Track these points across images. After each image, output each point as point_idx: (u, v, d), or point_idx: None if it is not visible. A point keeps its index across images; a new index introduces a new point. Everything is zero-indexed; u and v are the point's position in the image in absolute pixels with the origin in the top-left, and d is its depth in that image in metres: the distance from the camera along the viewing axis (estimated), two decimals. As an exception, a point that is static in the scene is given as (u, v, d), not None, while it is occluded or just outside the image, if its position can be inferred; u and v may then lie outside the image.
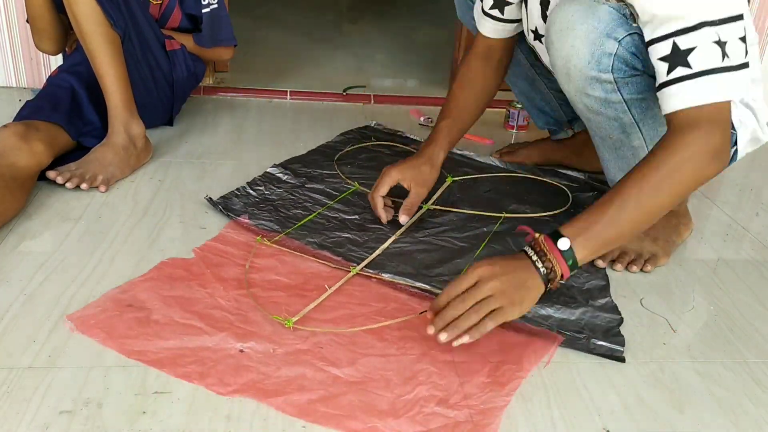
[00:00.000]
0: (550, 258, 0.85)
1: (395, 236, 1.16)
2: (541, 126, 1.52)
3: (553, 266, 0.85)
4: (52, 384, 0.80)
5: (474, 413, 0.80)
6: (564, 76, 1.03)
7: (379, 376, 0.85)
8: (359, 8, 3.37)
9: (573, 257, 0.85)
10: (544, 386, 0.87)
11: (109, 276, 1.01)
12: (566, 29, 0.99)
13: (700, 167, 0.88)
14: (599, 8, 0.96)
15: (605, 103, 1.02)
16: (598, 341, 0.94)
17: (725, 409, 0.86)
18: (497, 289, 0.83)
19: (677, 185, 0.87)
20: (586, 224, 0.86)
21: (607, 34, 0.96)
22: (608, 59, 0.98)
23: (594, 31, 0.97)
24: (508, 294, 0.83)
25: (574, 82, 1.03)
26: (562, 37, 1.00)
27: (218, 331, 0.90)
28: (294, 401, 0.79)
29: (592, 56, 0.98)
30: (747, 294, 1.12)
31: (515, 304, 0.84)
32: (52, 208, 1.20)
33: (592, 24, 0.96)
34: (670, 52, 0.89)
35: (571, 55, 1.00)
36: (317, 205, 1.25)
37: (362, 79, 2.09)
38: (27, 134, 1.21)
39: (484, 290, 0.83)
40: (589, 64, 0.99)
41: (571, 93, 1.05)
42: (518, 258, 0.87)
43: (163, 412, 0.77)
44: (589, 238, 0.86)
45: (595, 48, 0.98)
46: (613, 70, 0.98)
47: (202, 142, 1.55)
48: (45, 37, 1.45)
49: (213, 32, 1.59)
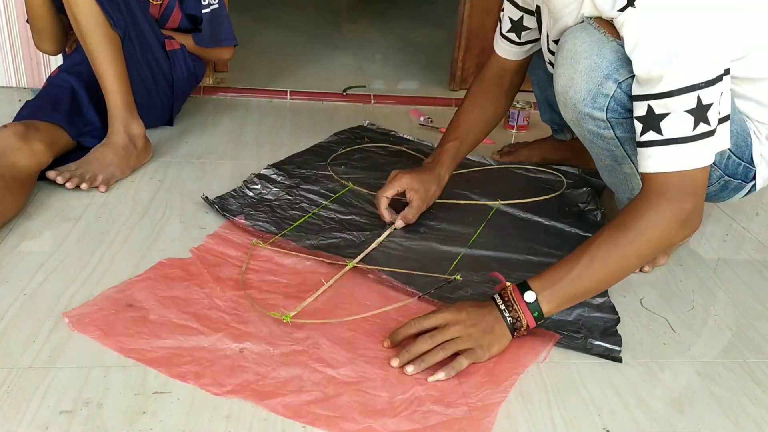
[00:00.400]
0: (516, 308, 0.88)
1: (391, 228, 1.17)
2: (545, 120, 1.52)
3: (519, 316, 0.88)
4: (52, 384, 0.80)
5: (471, 410, 0.80)
6: (561, 102, 1.04)
7: (375, 376, 0.85)
8: (359, 8, 3.37)
9: (539, 309, 0.88)
10: (544, 386, 0.87)
11: (108, 276, 1.01)
12: (570, 59, 0.98)
13: (667, 233, 0.89)
14: (606, 45, 0.95)
15: (598, 136, 1.01)
16: (595, 341, 0.94)
17: (725, 409, 0.86)
18: (463, 332, 0.87)
19: (644, 248, 0.89)
20: (553, 279, 0.89)
21: (607, 75, 0.95)
22: (604, 100, 0.97)
23: (596, 69, 0.95)
24: (475, 337, 0.87)
25: (568, 112, 1.03)
26: (565, 65, 0.99)
27: (214, 332, 0.90)
28: (289, 403, 0.79)
29: (588, 93, 0.97)
30: (747, 294, 1.12)
31: (484, 347, 0.87)
32: (52, 208, 1.20)
33: (595, 61, 0.95)
34: (645, 113, 0.89)
35: (569, 87, 0.99)
36: (313, 205, 1.25)
37: (362, 79, 2.09)
38: (27, 134, 1.21)
39: (451, 331, 0.87)
40: (584, 101, 0.98)
41: (566, 118, 1.06)
42: (486, 306, 0.90)
43: (163, 412, 0.77)
44: (555, 292, 0.88)
45: (593, 86, 0.97)
46: (607, 110, 0.97)
47: (202, 142, 1.55)
48: (45, 37, 1.45)
49: (213, 32, 1.59)
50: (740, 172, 1.09)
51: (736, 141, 1.06)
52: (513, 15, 1.21)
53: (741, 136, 1.06)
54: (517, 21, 1.21)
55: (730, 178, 1.10)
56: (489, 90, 1.29)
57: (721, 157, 1.07)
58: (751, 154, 1.08)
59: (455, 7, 2.08)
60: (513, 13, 1.21)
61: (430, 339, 0.86)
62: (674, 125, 0.87)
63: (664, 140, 0.88)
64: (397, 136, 1.63)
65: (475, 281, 1.06)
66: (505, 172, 1.48)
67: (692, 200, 0.89)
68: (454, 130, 1.27)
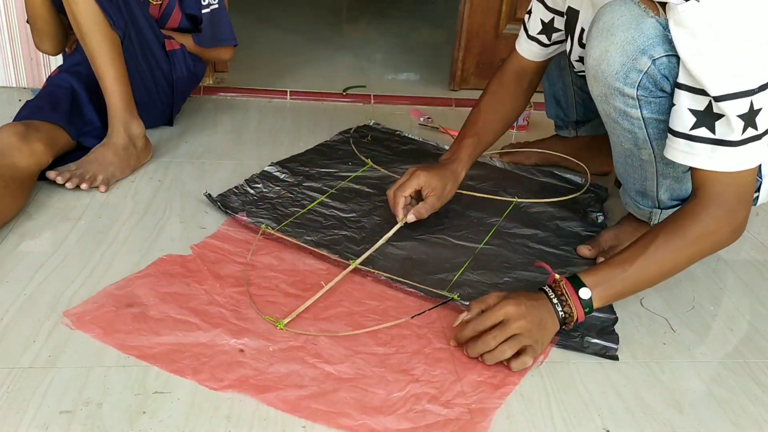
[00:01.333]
0: (570, 304, 0.90)
1: (394, 230, 1.15)
2: (550, 115, 1.52)
3: (572, 312, 0.90)
4: (52, 384, 0.80)
5: (466, 411, 0.80)
6: (591, 76, 1.02)
7: (372, 373, 0.85)
8: (359, 8, 3.37)
9: (590, 305, 0.90)
10: (544, 386, 0.87)
11: (108, 276, 1.01)
12: (606, 31, 0.96)
13: (721, 240, 0.93)
14: (646, 21, 0.93)
15: (623, 114, 1.00)
16: (592, 339, 0.95)
17: (725, 409, 0.86)
18: (524, 329, 0.87)
19: (698, 253, 0.93)
20: (607, 276, 0.91)
21: (643, 49, 0.93)
22: (636, 75, 0.95)
23: (632, 43, 0.94)
24: (533, 333, 0.88)
25: (598, 86, 1.01)
26: (600, 36, 0.97)
27: (213, 328, 0.90)
28: (286, 397, 0.80)
29: (622, 67, 0.96)
30: (747, 294, 1.12)
31: (539, 343, 0.89)
32: (52, 208, 1.20)
33: (632, 35, 0.93)
34: (703, 109, 0.89)
35: (602, 59, 0.97)
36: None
37: (362, 79, 2.09)
38: (27, 134, 1.21)
39: (513, 328, 0.87)
40: (617, 74, 0.96)
41: (594, 94, 1.04)
42: (539, 298, 0.91)
43: (163, 412, 0.77)
44: (608, 289, 0.90)
45: (627, 60, 0.95)
46: (638, 87, 0.96)
47: (201, 142, 1.55)
48: (45, 37, 1.45)
49: (213, 32, 1.59)
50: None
51: None
52: (544, 17, 1.21)
53: None
54: (548, 23, 1.21)
55: None
56: (508, 88, 1.29)
57: None
58: (760, 166, 1.08)
59: (455, 6, 2.08)
60: (544, 15, 1.21)
61: (493, 339, 0.87)
62: (726, 127, 0.88)
63: (715, 140, 0.89)
64: (402, 136, 1.63)
65: (473, 280, 1.06)
66: (512, 174, 1.47)
67: (745, 209, 0.92)
68: (473, 125, 1.26)
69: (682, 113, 0.91)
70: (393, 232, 1.15)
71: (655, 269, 0.91)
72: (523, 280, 1.07)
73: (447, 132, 1.70)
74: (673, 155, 0.94)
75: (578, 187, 1.42)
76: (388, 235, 1.14)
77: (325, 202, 1.26)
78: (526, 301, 0.89)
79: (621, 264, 0.91)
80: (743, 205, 0.93)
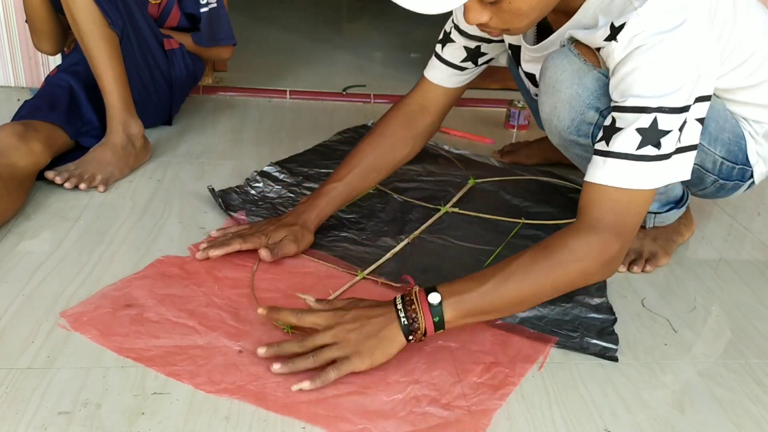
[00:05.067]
0: (417, 309, 0.82)
1: (408, 240, 1.14)
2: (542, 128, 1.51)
3: (416, 317, 0.82)
4: (51, 384, 0.79)
5: (465, 414, 0.80)
6: (547, 129, 1.05)
7: (371, 374, 0.84)
8: (359, 7, 3.37)
9: (440, 315, 0.82)
10: (544, 387, 0.86)
11: (107, 276, 1.01)
12: (552, 88, 0.98)
13: (588, 271, 0.87)
14: (587, 74, 0.94)
15: (585, 158, 1.00)
16: (592, 340, 0.94)
17: (727, 409, 0.85)
18: (340, 338, 0.81)
19: (563, 279, 0.86)
20: (462, 288, 0.84)
21: (589, 104, 0.95)
22: (588, 128, 0.97)
23: (577, 99, 0.95)
24: (354, 343, 0.81)
25: (555, 138, 1.04)
26: (548, 92, 0.99)
27: (211, 330, 0.90)
28: (284, 401, 0.79)
29: (572, 122, 0.98)
30: (748, 294, 1.12)
31: (363, 355, 0.81)
32: (51, 208, 1.20)
33: (576, 90, 0.95)
34: (609, 124, 0.87)
35: (552, 114, 1.00)
36: None
37: (362, 78, 2.09)
38: (25, 134, 1.20)
39: (326, 337, 0.82)
40: (569, 129, 0.99)
41: (554, 143, 1.07)
42: (382, 306, 0.85)
43: (162, 413, 0.77)
44: (461, 302, 0.83)
45: (575, 114, 0.97)
46: (592, 137, 0.97)
47: (201, 141, 1.55)
48: (43, 37, 1.45)
49: (212, 31, 1.59)
50: (735, 175, 1.10)
51: (728, 148, 1.06)
52: (469, 44, 1.14)
53: (733, 142, 1.07)
54: (474, 50, 1.14)
55: (726, 181, 1.10)
56: (396, 132, 1.17)
57: (713, 164, 1.07)
58: (746, 155, 1.08)
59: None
60: (468, 43, 1.14)
61: (301, 343, 0.82)
62: (622, 140, 0.85)
63: (607, 152, 0.86)
64: None
65: None
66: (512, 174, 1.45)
67: (619, 242, 0.86)
68: (343, 171, 1.13)
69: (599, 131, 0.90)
70: (406, 243, 1.14)
71: (513, 289, 0.84)
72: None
73: (447, 132, 1.69)
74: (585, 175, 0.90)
75: (580, 187, 1.42)
76: (400, 246, 1.13)
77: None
78: (358, 309, 0.84)
79: (480, 278, 0.85)
80: (620, 237, 0.86)
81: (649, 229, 1.18)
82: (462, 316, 0.84)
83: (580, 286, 0.89)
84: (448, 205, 1.28)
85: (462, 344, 0.91)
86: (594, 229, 0.86)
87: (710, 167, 1.07)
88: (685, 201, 1.17)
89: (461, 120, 1.80)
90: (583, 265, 0.86)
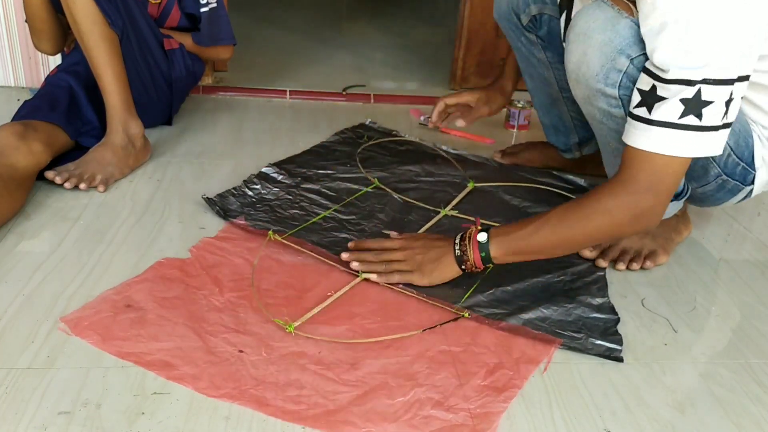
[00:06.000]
0: (467, 244, 0.98)
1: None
2: (552, 141, 1.50)
3: (467, 251, 0.98)
4: (51, 385, 0.79)
5: (471, 416, 0.80)
6: (573, 80, 1.03)
7: (375, 378, 0.84)
8: (359, 7, 3.37)
9: (487, 251, 0.97)
10: (545, 387, 0.86)
11: (107, 276, 1.01)
12: (583, 35, 0.98)
13: (619, 222, 0.94)
14: (620, 21, 0.95)
15: (608, 115, 1.01)
16: (597, 340, 0.94)
17: (727, 410, 0.85)
18: (408, 257, 1.01)
19: (592, 230, 0.95)
20: (508, 230, 0.98)
21: (620, 50, 0.95)
22: (617, 75, 0.97)
23: (609, 44, 0.96)
24: (419, 263, 1.00)
25: (581, 89, 1.03)
26: (578, 41, 0.99)
27: (212, 334, 0.89)
28: (287, 407, 0.78)
29: (601, 68, 0.97)
30: (748, 294, 1.12)
31: (424, 273, 1.00)
32: (51, 208, 1.20)
33: (609, 36, 0.95)
34: (648, 89, 0.90)
35: (582, 62, 0.99)
36: (314, 205, 1.25)
37: (362, 78, 2.09)
38: (25, 134, 1.20)
39: (396, 254, 1.02)
40: (597, 76, 0.98)
41: (577, 97, 1.05)
42: (445, 240, 1.02)
43: (162, 413, 0.76)
44: (504, 242, 0.97)
45: (606, 61, 0.96)
46: (619, 87, 0.97)
47: (200, 141, 1.55)
48: (43, 37, 1.45)
49: (212, 31, 1.59)
50: (738, 173, 1.09)
51: (736, 140, 1.05)
52: None
53: (742, 136, 1.06)
54: None
55: (728, 177, 1.09)
56: None
57: (720, 154, 1.07)
58: (752, 156, 1.08)
59: (455, 5, 2.08)
60: None
61: (377, 255, 1.02)
62: (665, 109, 0.88)
63: (650, 120, 0.90)
64: (399, 136, 1.61)
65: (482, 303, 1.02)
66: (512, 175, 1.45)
67: (652, 197, 0.92)
68: None
69: (634, 93, 0.92)
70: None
71: (548, 234, 0.95)
72: (530, 284, 1.07)
73: (447, 132, 1.69)
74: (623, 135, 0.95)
75: (579, 188, 1.42)
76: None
77: (324, 204, 1.25)
78: (427, 239, 1.04)
79: (524, 222, 0.97)
80: (652, 193, 0.92)
81: None
82: (506, 254, 0.97)
83: (615, 235, 1.01)
84: (448, 208, 1.27)
85: (465, 347, 0.91)
86: (626, 186, 0.92)
87: (717, 156, 1.07)
88: (685, 194, 1.17)
89: (461, 120, 1.80)
90: (613, 217, 0.93)
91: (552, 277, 1.08)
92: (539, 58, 1.32)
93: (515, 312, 0.98)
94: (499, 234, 0.97)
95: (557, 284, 1.07)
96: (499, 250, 0.97)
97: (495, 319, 0.97)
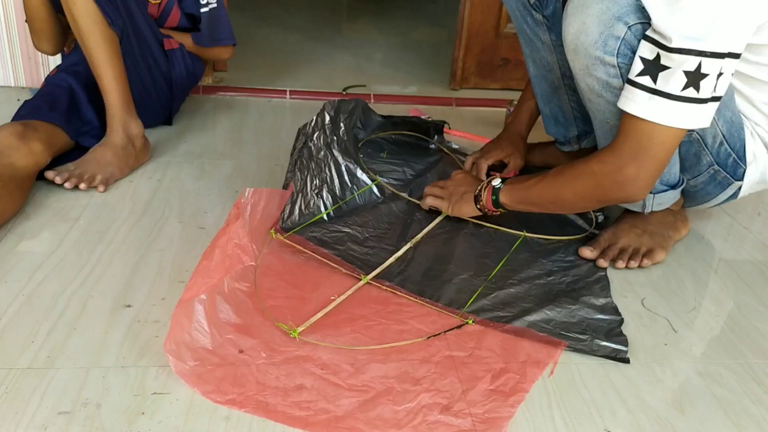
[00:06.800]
0: (484, 187, 1.15)
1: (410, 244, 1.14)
2: (550, 132, 1.50)
3: (482, 193, 1.14)
4: (51, 384, 0.79)
5: (478, 422, 0.79)
6: (572, 52, 1.04)
7: (380, 383, 0.83)
8: (359, 7, 3.37)
9: (497, 195, 1.12)
10: (545, 387, 0.86)
11: (107, 276, 1.01)
12: (581, 6, 1.00)
13: (602, 185, 1.00)
14: None
15: (606, 86, 1.01)
16: (602, 342, 0.94)
17: (727, 409, 0.85)
18: (446, 195, 1.21)
19: (578, 188, 1.03)
20: (517, 181, 1.12)
21: (618, 17, 0.96)
22: (615, 42, 0.97)
23: (606, 12, 0.97)
24: (449, 194, 1.21)
25: (579, 60, 1.03)
26: (576, 12, 1.00)
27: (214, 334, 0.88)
28: (292, 413, 0.78)
29: (600, 35, 0.98)
30: (748, 294, 1.12)
31: (453, 206, 1.19)
32: (51, 208, 1.20)
33: (607, 5, 0.97)
34: (652, 58, 0.92)
35: (580, 31, 1.00)
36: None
37: (362, 78, 2.09)
38: (25, 134, 1.20)
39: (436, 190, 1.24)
40: (596, 44, 0.99)
41: (576, 70, 1.06)
42: (475, 183, 1.19)
43: (162, 413, 0.77)
44: (512, 191, 1.11)
45: (604, 28, 0.98)
46: (618, 54, 0.98)
47: (200, 141, 1.55)
48: (43, 37, 1.45)
49: (212, 31, 1.59)
50: (730, 165, 1.10)
51: (729, 128, 1.07)
52: None
53: (735, 126, 1.08)
54: None
55: (720, 168, 1.11)
56: None
57: (713, 139, 1.09)
58: (743, 149, 1.09)
59: (455, 5, 2.08)
60: None
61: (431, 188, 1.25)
62: (673, 80, 0.90)
63: (654, 90, 0.92)
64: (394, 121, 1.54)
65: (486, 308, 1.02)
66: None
67: (636, 166, 0.96)
68: (528, 90, 1.41)
69: (635, 61, 0.94)
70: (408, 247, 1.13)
71: (546, 189, 1.06)
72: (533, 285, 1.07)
73: (449, 132, 1.69)
74: (619, 101, 0.97)
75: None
76: (403, 250, 1.12)
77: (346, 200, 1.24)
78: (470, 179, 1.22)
79: (530, 177, 1.10)
80: (636, 161, 0.95)
81: (647, 215, 1.19)
82: (512, 201, 1.11)
83: (600, 199, 1.04)
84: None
85: (470, 351, 0.91)
86: (613, 151, 0.98)
87: (710, 141, 1.09)
88: (681, 184, 1.17)
89: (461, 120, 1.80)
90: (596, 179, 1.00)
91: (554, 278, 1.08)
92: (543, 40, 1.32)
93: (519, 314, 0.98)
94: (510, 183, 1.11)
95: (559, 285, 1.07)
96: (506, 196, 1.11)
97: (500, 322, 0.96)
